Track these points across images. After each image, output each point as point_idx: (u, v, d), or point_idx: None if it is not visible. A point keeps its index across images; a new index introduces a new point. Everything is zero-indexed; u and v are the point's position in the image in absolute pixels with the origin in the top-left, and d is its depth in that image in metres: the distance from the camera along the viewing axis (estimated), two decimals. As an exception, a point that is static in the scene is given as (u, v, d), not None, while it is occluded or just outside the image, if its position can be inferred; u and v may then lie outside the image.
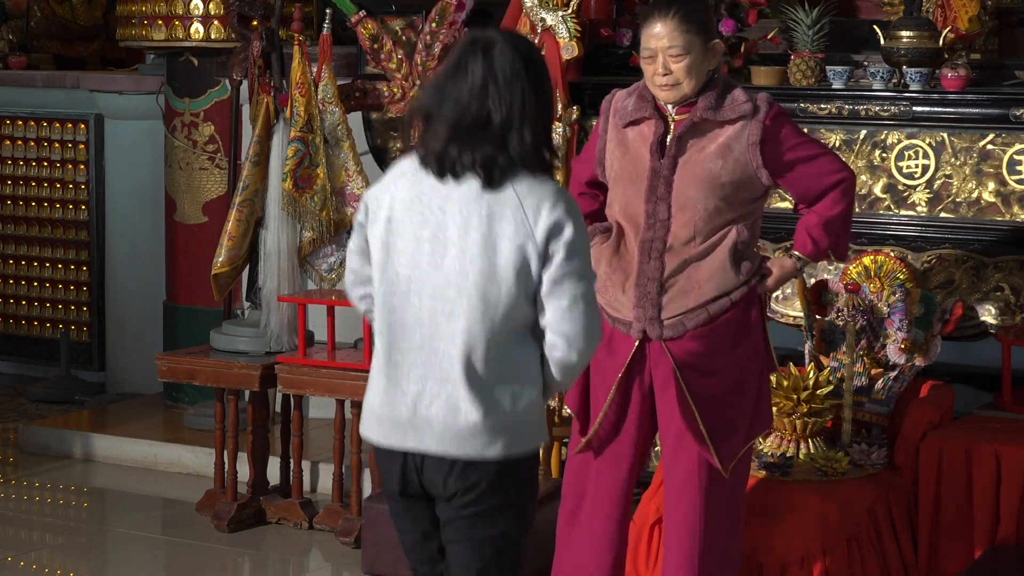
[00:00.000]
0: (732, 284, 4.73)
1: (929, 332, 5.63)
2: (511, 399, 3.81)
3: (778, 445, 5.50)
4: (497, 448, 3.80)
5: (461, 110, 3.79)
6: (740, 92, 4.73)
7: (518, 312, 3.80)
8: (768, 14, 6.58)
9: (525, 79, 3.81)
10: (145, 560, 6.38)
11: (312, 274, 6.59)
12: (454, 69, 3.83)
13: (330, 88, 6.51)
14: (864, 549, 5.26)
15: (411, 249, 3.84)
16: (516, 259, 3.77)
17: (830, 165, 4.80)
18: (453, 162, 3.80)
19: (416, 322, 3.83)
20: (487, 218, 3.78)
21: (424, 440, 3.83)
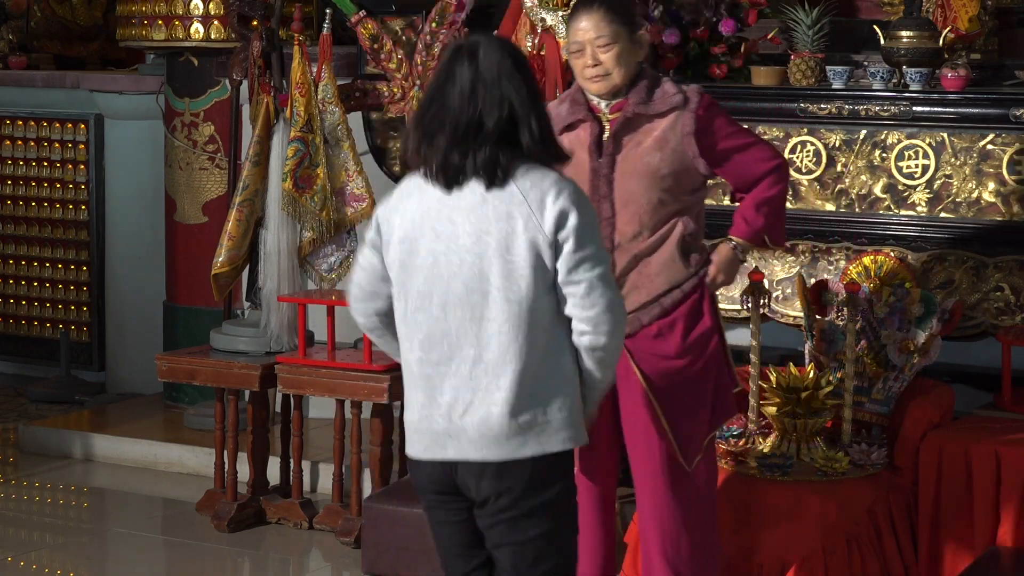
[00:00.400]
0: (683, 276, 4.81)
1: (929, 332, 5.63)
2: (544, 397, 3.87)
3: (778, 445, 5.50)
4: (530, 448, 3.86)
5: (455, 117, 3.86)
6: (670, 84, 4.80)
7: (541, 306, 3.86)
8: (768, 14, 6.58)
9: (517, 76, 3.88)
10: (145, 560, 6.38)
11: (312, 274, 6.60)
12: (443, 79, 3.90)
13: (330, 88, 6.51)
14: (864, 549, 5.26)
15: (428, 264, 3.90)
16: (530, 255, 3.84)
17: (763, 153, 4.87)
18: (457, 170, 3.86)
19: (443, 334, 3.89)
20: (496, 219, 3.85)
21: (463, 448, 3.89)
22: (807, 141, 6.12)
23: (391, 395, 6.12)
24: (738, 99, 6.21)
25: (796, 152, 6.14)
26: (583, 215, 3.88)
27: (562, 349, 3.91)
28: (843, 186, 6.07)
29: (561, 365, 3.90)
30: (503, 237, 3.84)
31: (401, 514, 5.62)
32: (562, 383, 3.90)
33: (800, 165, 6.13)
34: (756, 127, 6.15)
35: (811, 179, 6.12)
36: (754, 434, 5.59)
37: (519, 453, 3.86)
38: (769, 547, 5.20)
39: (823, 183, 6.10)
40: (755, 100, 6.20)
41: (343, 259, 6.57)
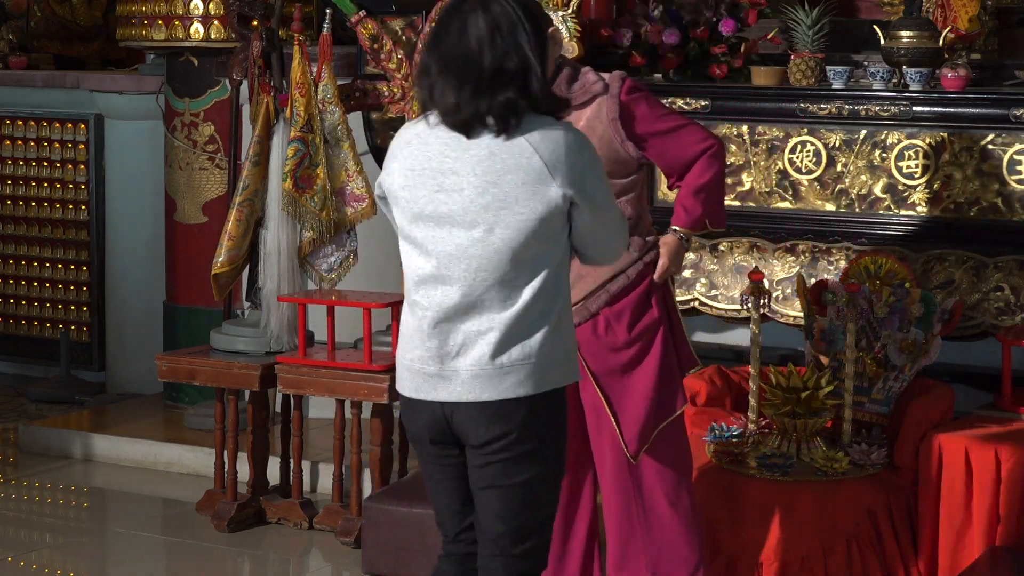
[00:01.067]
0: (626, 261, 4.83)
1: (929, 332, 5.63)
2: (538, 338, 3.94)
3: (778, 445, 5.50)
4: (526, 387, 3.93)
5: (476, 63, 3.89)
6: (591, 74, 4.83)
7: (544, 255, 3.94)
8: (768, 14, 6.58)
9: (528, 24, 3.94)
10: (145, 560, 6.38)
11: (312, 274, 6.59)
12: (455, 26, 3.93)
13: (330, 88, 6.51)
14: (864, 549, 5.26)
15: (428, 212, 3.96)
16: (539, 207, 3.90)
17: (693, 135, 4.85)
18: (474, 115, 3.90)
19: (440, 280, 3.96)
20: (504, 171, 3.90)
21: (455, 390, 3.95)
22: (807, 141, 6.12)
23: (391, 395, 6.12)
24: (738, 99, 6.22)
25: (796, 152, 6.14)
26: (594, 161, 3.98)
27: (558, 293, 3.98)
28: (843, 186, 6.07)
29: (556, 308, 3.98)
30: (512, 188, 3.89)
31: (401, 514, 5.63)
32: (556, 324, 3.98)
33: (800, 165, 6.13)
34: (756, 127, 6.16)
35: (811, 179, 6.13)
36: (754, 434, 5.59)
37: (515, 392, 3.92)
38: (769, 547, 5.20)
39: (823, 183, 6.10)
40: (755, 100, 6.20)
41: (343, 259, 6.57)
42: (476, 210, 3.91)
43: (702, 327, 6.64)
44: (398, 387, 4.10)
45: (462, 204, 3.92)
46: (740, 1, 6.48)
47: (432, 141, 3.98)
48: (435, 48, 3.96)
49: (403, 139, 4.05)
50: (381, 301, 6.28)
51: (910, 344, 5.63)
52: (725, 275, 6.23)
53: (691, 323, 6.49)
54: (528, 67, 3.90)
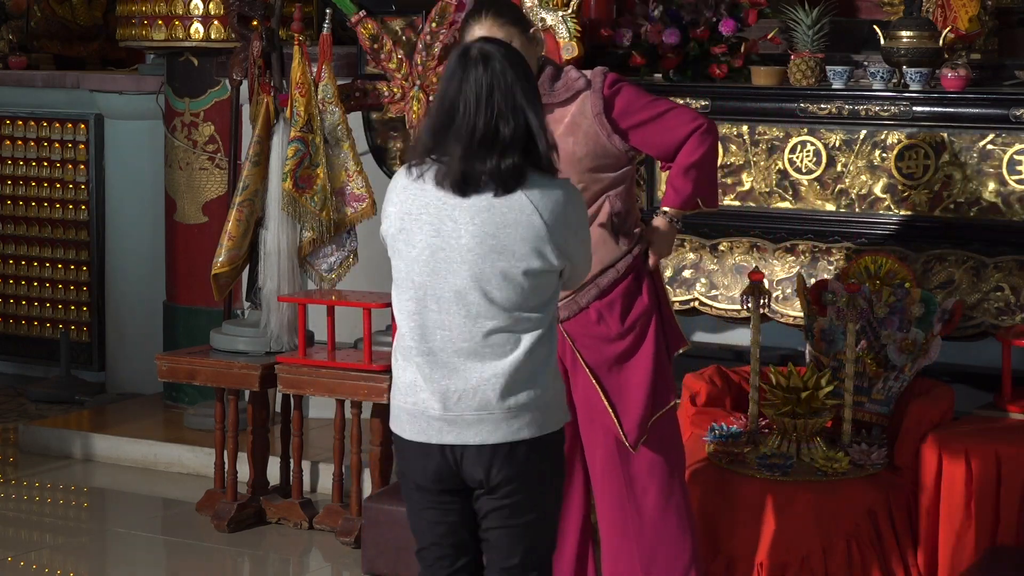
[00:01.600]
0: (615, 255, 4.84)
1: (929, 332, 5.63)
2: (535, 384, 4.00)
3: (778, 445, 5.50)
4: (530, 430, 3.99)
5: (471, 123, 3.93)
6: (573, 71, 4.84)
7: (537, 305, 4.00)
8: (768, 14, 6.58)
9: (526, 84, 3.97)
10: (145, 560, 6.38)
11: (312, 274, 6.59)
12: (456, 83, 3.96)
13: (330, 88, 6.51)
14: (864, 549, 5.26)
15: (424, 258, 3.99)
16: (536, 262, 3.96)
17: (680, 117, 4.84)
18: (474, 177, 3.93)
19: (436, 326, 3.99)
20: (503, 224, 3.94)
21: (461, 434, 3.99)
22: (807, 141, 6.12)
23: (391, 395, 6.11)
24: (738, 99, 6.22)
25: (796, 152, 6.14)
26: (584, 220, 4.07)
27: (549, 338, 4.05)
28: (843, 186, 6.07)
29: (552, 352, 4.06)
30: (510, 242, 3.93)
31: (401, 514, 5.62)
32: (552, 369, 4.06)
33: (800, 165, 6.13)
34: (756, 127, 6.17)
35: (811, 179, 6.13)
36: (754, 434, 5.59)
37: (519, 435, 3.98)
38: (769, 547, 5.20)
39: (823, 183, 6.10)
40: (755, 100, 6.20)
41: (343, 259, 6.57)
42: (473, 259, 3.96)
43: (702, 327, 6.64)
44: (395, 430, 4.11)
45: (459, 252, 3.96)
46: (740, 1, 6.48)
47: (429, 187, 4.00)
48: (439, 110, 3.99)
49: (400, 184, 4.08)
50: (381, 301, 6.28)
51: (910, 344, 5.63)
52: (725, 275, 6.23)
53: (691, 323, 6.49)
54: (530, 133, 3.95)
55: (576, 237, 4.03)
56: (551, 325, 4.05)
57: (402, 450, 4.11)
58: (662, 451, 4.94)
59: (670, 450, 4.97)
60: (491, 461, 4.00)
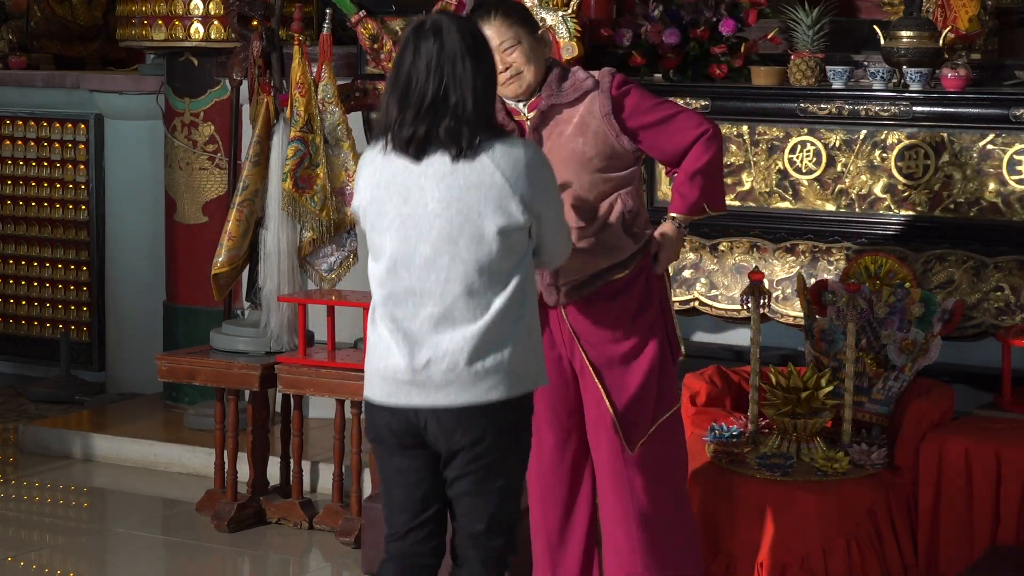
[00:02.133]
0: (626, 254, 4.84)
1: (929, 332, 5.63)
2: (507, 345, 4.11)
3: (778, 445, 5.50)
4: (497, 391, 4.10)
5: (421, 90, 4.09)
6: (580, 71, 4.85)
7: (507, 266, 4.12)
8: (768, 14, 6.58)
9: (474, 57, 4.12)
10: (145, 560, 6.38)
11: (312, 274, 6.59)
12: (410, 54, 4.13)
13: (330, 88, 6.51)
14: (864, 549, 5.26)
15: (395, 226, 4.15)
16: (502, 220, 4.09)
17: (688, 122, 4.85)
18: (424, 140, 4.10)
19: (407, 292, 4.15)
20: (466, 187, 4.09)
21: (429, 396, 4.10)
22: (807, 141, 6.12)
23: (391, 395, 6.12)
24: (738, 99, 6.22)
25: (796, 152, 6.15)
26: (550, 176, 4.20)
27: (524, 300, 4.15)
28: (843, 186, 6.07)
29: (523, 315, 4.15)
30: (475, 203, 4.08)
31: (401, 514, 5.62)
32: (523, 331, 4.15)
33: (800, 165, 6.13)
34: (756, 127, 6.17)
35: (811, 179, 6.13)
36: (754, 434, 5.59)
37: (488, 396, 4.09)
38: (769, 547, 5.20)
39: (823, 183, 6.10)
40: (755, 100, 6.20)
41: (343, 259, 6.57)
42: (441, 224, 4.09)
43: (702, 327, 6.64)
44: (367, 394, 4.23)
45: (427, 218, 4.10)
46: (740, 1, 6.48)
47: (395, 158, 4.15)
48: (394, 78, 4.15)
49: (367, 159, 4.24)
50: (381, 301, 6.27)
51: (910, 344, 5.63)
52: (725, 275, 6.23)
53: (691, 323, 6.49)
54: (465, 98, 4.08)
55: (542, 194, 4.14)
56: (522, 287, 4.13)
57: (371, 414, 4.23)
58: (668, 455, 4.93)
59: (676, 454, 4.96)
60: (457, 424, 4.10)
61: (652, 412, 4.89)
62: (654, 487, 4.90)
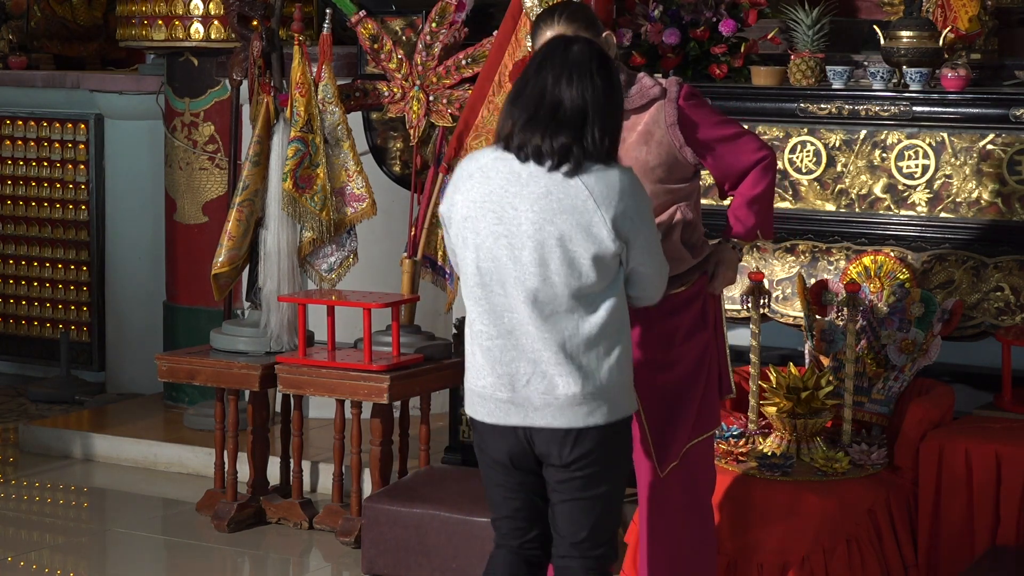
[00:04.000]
0: (686, 265, 4.80)
1: (929, 332, 5.63)
2: (604, 370, 4.13)
3: (778, 445, 5.50)
4: (598, 416, 4.13)
5: (539, 97, 4.09)
6: (647, 79, 4.81)
7: (599, 291, 4.12)
8: (768, 14, 6.58)
9: (600, 77, 4.12)
10: (145, 560, 6.38)
11: (312, 274, 6.60)
12: (538, 64, 4.15)
13: (330, 88, 6.51)
14: (864, 549, 5.26)
15: (488, 244, 4.14)
16: (591, 247, 4.07)
17: (750, 145, 4.84)
18: (536, 146, 4.09)
19: (503, 309, 4.14)
20: (560, 211, 4.08)
21: (528, 415, 4.14)
22: (807, 141, 6.12)
23: (391, 395, 6.12)
24: (738, 99, 6.22)
25: (796, 152, 6.14)
26: (643, 206, 4.16)
27: (620, 326, 4.17)
28: (843, 186, 6.07)
29: (619, 341, 4.17)
30: (567, 228, 4.07)
31: (401, 514, 5.62)
32: (619, 357, 4.16)
33: (800, 165, 6.13)
34: (756, 127, 6.16)
35: (811, 179, 6.13)
36: (754, 434, 5.59)
37: (587, 421, 4.13)
38: (769, 547, 5.20)
39: (823, 183, 6.10)
40: (755, 100, 6.20)
41: (343, 259, 6.57)
42: (533, 245, 4.09)
43: (702, 327, 6.63)
44: (469, 412, 4.28)
45: (520, 239, 4.10)
46: (740, 1, 6.48)
47: (493, 176, 4.15)
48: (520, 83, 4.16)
49: (466, 172, 4.22)
50: (381, 301, 6.28)
51: (910, 344, 5.63)
52: (725, 275, 6.22)
53: (691, 323, 6.49)
54: (584, 117, 4.09)
55: (634, 221, 4.11)
56: (617, 313, 4.14)
57: (476, 430, 4.28)
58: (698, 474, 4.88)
59: (705, 475, 4.91)
60: (559, 440, 4.13)
61: (689, 434, 4.83)
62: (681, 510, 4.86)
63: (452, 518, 5.53)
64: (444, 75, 6.59)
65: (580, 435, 4.14)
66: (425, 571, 5.56)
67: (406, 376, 6.21)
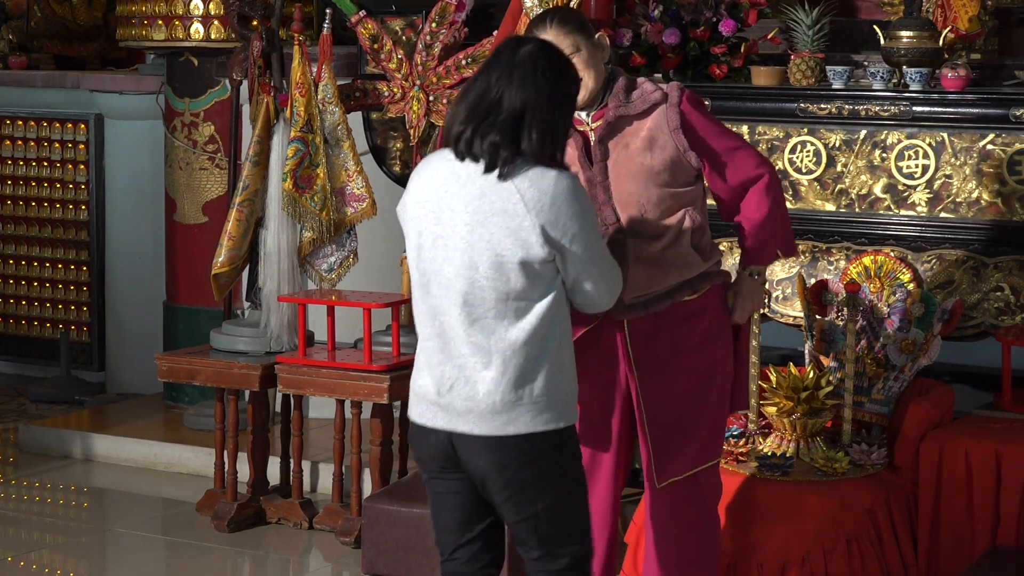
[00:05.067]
0: (696, 271, 4.74)
1: (929, 332, 5.63)
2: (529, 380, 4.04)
3: (778, 445, 5.50)
4: (516, 426, 4.04)
5: (481, 92, 4.06)
6: (648, 83, 4.77)
7: (530, 296, 4.05)
8: (768, 14, 6.58)
9: (544, 78, 4.06)
10: (145, 560, 6.38)
11: (312, 274, 6.60)
12: (487, 63, 4.12)
13: (330, 88, 6.51)
14: (864, 549, 5.26)
15: (428, 244, 4.12)
16: (521, 251, 4.01)
17: (749, 160, 4.77)
18: (468, 143, 4.06)
19: (435, 311, 4.11)
20: (491, 213, 4.02)
21: (451, 420, 4.09)
22: (807, 141, 6.12)
23: (391, 395, 6.12)
24: (738, 99, 6.22)
25: (796, 152, 6.15)
26: (580, 213, 4.06)
27: (550, 335, 4.07)
28: (843, 186, 6.07)
29: (547, 350, 4.07)
30: (496, 231, 4.02)
31: (401, 514, 5.62)
32: (548, 366, 4.07)
33: (800, 165, 6.13)
34: (756, 127, 6.17)
35: (811, 179, 6.13)
36: (754, 434, 5.59)
37: (505, 430, 4.04)
38: (769, 547, 5.20)
39: (823, 183, 6.10)
40: (755, 100, 6.20)
41: (343, 259, 6.57)
42: (464, 247, 4.05)
43: (702, 327, 6.63)
44: (408, 412, 4.24)
45: (454, 240, 4.07)
46: (740, 1, 6.48)
47: (437, 177, 4.13)
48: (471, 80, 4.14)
49: (417, 172, 4.23)
50: (381, 301, 6.28)
51: (910, 344, 5.63)
52: (725, 275, 6.23)
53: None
54: (521, 117, 4.03)
55: (567, 228, 4.01)
56: (547, 320, 4.05)
57: (410, 430, 4.25)
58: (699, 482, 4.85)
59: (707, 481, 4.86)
60: (478, 450, 4.06)
61: (695, 457, 4.76)
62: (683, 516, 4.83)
63: (452, 518, 5.53)
64: (444, 75, 6.59)
65: (499, 444, 4.03)
66: (425, 571, 5.56)
67: (406, 376, 6.18)
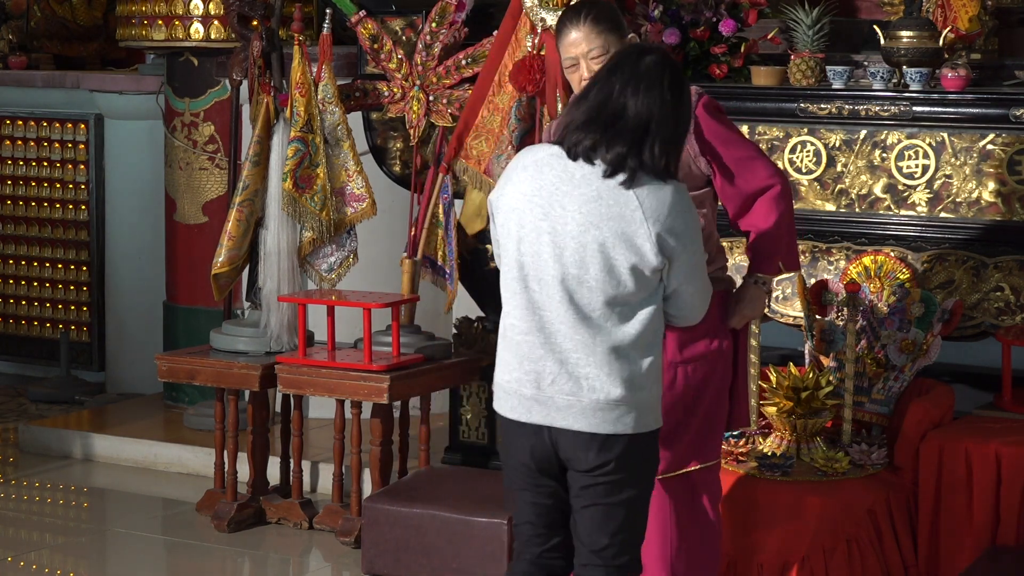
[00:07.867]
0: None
1: (929, 332, 5.64)
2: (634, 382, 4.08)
3: (778, 445, 5.50)
4: (626, 424, 4.07)
5: (603, 99, 4.05)
6: None
7: (636, 300, 4.07)
8: (768, 14, 6.58)
9: (669, 92, 4.07)
10: (145, 560, 6.38)
11: (312, 274, 6.60)
12: (608, 69, 4.11)
13: (330, 88, 6.51)
14: (864, 549, 5.26)
15: (531, 239, 4.09)
16: (633, 257, 4.03)
17: (762, 171, 4.74)
18: (589, 150, 4.05)
19: (536, 306, 4.09)
20: (608, 217, 4.03)
21: (550, 415, 4.09)
22: (807, 141, 6.12)
23: (391, 395, 6.12)
24: (738, 99, 6.22)
25: (796, 152, 6.14)
26: (690, 227, 4.10)
27: (654, 341, 4.12)
28: (843, 186, 6.07)
29: (652, 354, 4.11)
30: (610, 235, 4.03)
31: (401, 514, 5.63)
32: (650, 370, 4.11)
33: (800, 165, 6.13)
34: (756, 127, 6.17)
35: (811, 179, 6.13)
36: (754, 434, 5.59)
37: (614, 428, 4.07)
38: (769, 547, 5.20)
39: (823, 183, 6.10)
40: (755, 100, 6.20)
41: (343, 259, 6.57)
42: (575, 246, 4.04)
43: (702, 327, 6.63)
44: (496, 407, 4.23)
45: (564, 238, 4.06)
46: (740, 1, 6.48)
47: (547, 171, 4.10)
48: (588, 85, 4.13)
49: (521, 164, 4.18)
50: (381, 301, 6.28)
51: (910, 344, 5.63)
52: (725, 275, 6.23)
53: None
54: (646, 129, 4.04)
55: (680, 239, 4.06)
56: (651, 327, 4.08)
57: (502, 428, 4.23)
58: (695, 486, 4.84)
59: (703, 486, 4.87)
60: (584, 444, 4.08)
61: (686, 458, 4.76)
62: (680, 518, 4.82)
63: (452, 518, 5.53)
64: (444, 75, 6.58)
65: (605, 441, 4.08)
66: (425, 571, 5.56)
67: (406, 376, 6.21)
